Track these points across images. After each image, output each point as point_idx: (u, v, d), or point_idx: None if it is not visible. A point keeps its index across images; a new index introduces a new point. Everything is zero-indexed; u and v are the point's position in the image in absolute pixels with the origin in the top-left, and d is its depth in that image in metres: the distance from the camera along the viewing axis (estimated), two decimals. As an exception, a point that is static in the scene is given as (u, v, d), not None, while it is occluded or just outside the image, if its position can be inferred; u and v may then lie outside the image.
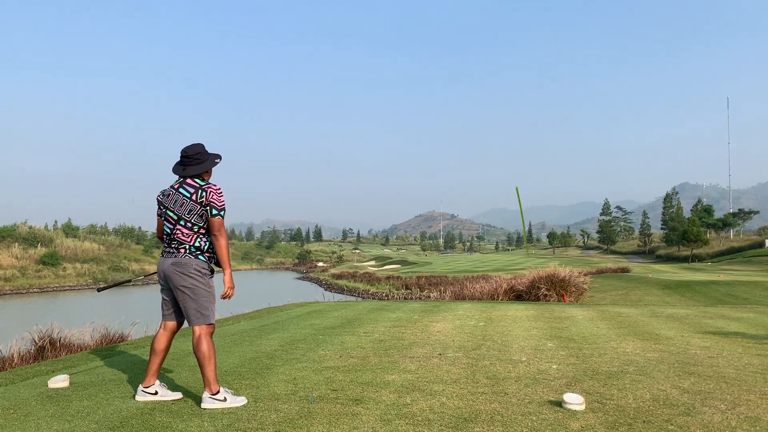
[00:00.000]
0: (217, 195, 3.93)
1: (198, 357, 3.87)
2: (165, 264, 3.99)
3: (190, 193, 3.93)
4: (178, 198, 3.97)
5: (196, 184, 3.96)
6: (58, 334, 8.42)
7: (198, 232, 3.96)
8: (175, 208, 3.98)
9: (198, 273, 3.91)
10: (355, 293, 50.63)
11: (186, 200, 3.94)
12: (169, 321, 4.10)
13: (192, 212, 3.93)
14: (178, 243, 3.98)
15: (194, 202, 3.91)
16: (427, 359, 5.49)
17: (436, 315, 9.53)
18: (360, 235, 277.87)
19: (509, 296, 19.43)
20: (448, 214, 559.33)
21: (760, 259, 62.44)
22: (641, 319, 8.93)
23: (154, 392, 4.03)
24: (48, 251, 76.66)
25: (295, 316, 9.71)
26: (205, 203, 3.90)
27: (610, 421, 3.49)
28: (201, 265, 3.94)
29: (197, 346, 3.87)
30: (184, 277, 3.89)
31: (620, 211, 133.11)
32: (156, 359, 4.06)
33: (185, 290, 3.90)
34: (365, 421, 3.50)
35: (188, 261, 3.92)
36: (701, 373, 4.82)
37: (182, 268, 3.90)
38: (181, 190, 3.97)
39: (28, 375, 5.22)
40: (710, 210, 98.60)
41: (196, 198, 3.91)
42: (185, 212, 3.94)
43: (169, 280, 3.96)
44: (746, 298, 19.73)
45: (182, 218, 3.96)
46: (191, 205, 3.92)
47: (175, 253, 3.97)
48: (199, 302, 3.91)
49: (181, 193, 3.96)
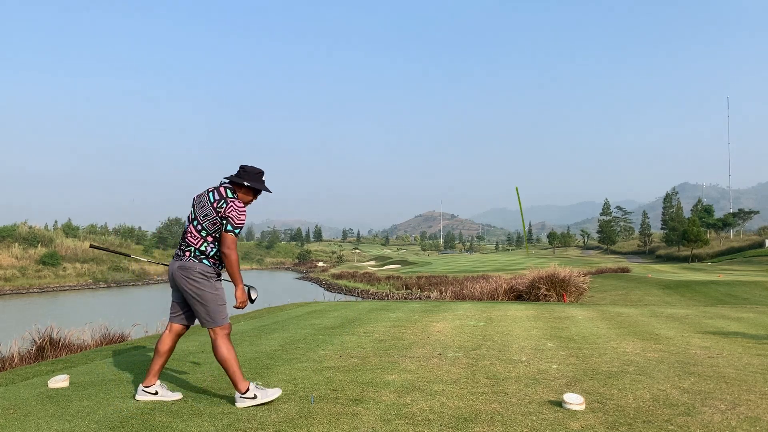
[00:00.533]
0: (237, 212, 3.87)
1: (218, 360, 3.89)
2: (173, 267, 3.99)
3: (215, 199, 3.92)
4: (203, 200, 3.98)
5: (224, 194, 3.94)
6: (58, 334, 8.42)
7: (205, 238, 3.94)
8: (196, 209, 3.99)
9: (203, 277, 3.89)
10: (355, 293, 50.62)
11: (207, 204, 3.94)
12: (175, 323, 4.10)
13: (207, 217, 3.91)
14: (186, 245, 3.98)
15: (213, 209, 3.89)
16: (427, 359, 5.49)
17: (436, 315, 9.53)
18: (360, 235, 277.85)
19: (509, 296, 19.43)
20: (448, 214, 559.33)
21: (760, 259, 62.44)
22: (641, 319, 8.93)
23: (154, 392, 4.03)
24: (48, 251, 76.65)
25: (295, 316, 9.71)
26: (222, 215, 3.87)
27: (610, 421, 3.49)
28: (205, 269, 3.91)
29: (214, 350, 3.89)
30: (189, 281, 3.88)
31: (620, 211, 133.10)
32: (159, 360, 4.06)
33: (192, 295, 3.89)
34: (365, 421, 3.50)
35: (192, 265, 3.90)
36: (701, 373, 4.82)
37: (187, 272, 3.89)
38: (209, 194, 3.98)
39: (28, 375, 5.22)
40: (710, 210, 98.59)
41: (217, 206, 3.89)
42: (201, 215, 3.94)
43: (177, 283, 3.97)
44: (746, 298, 19.73)
45: (196, 219, 3.97)
46: (209, 210, 3.91)
47: (182, 256, 3.97)
48: (208, 306, 3.89)
49: (208, 197, 3.97)
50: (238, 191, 4.01)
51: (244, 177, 4.01)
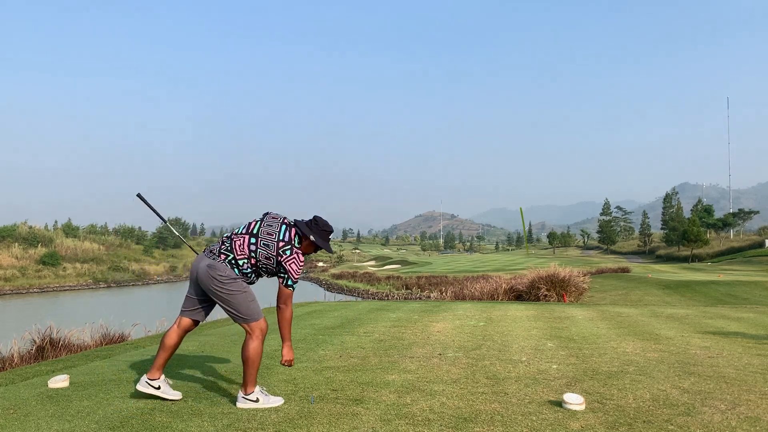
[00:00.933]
0: (297, 265, 3.83)
1: (242, 356, 3.84)
2: (201, 263, 3.89)
3: (283, 239, 3.85)
4: (274, 228, 3.90)
5: (293, 239, 3.88)
6: (58, 334, 8.43)
7: (250, 259, 3.86)
8: (262, 229, 3.90)
9: (230, 279, 3.82)
10: (355, 293, 50.62)
11: (275, 236, 3.86)
12: (185, 318, 4.03)
13: (267, 247, 3.84)
14: (227, 249, 3.89)
15: (277, 247, 3.83)
16: (427, 359, 5.49)
17: (436, 315, 9.53)
18: (360, 235, 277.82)
19: (509, 296, 19.43)
20: (448, 214, 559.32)
21: (760, 259, 62.46)
22: (641, 319, 8.94)
23: (157, 386, 3.97)
24: (48, 251, 76.67)
25: (294, 316, 9.71)
26: (281, 260, 3.82)
27: (610, 421, 3.49)
28: (233, 275, 3.85)
29: (244, 345, 3.85)
30: (216, 282, 3.80)
31: (620, 211, 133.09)
32: (164, 354, 4.00)
33: (222, 296, 3.83)
34: (365, 421, 3.50)
35: (223, 268, 3.82)
36: (701, 373, 4.82)
37: (214, 271, 3.80)
38: (282, 228, 3.91)
39: (28, 375, 5.22)
40: (710, 210, 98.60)
41: (281, 248, 3.83)
42: (263, 240, 3.85)
43: (200, 281, 3.88)
44: (746, 298, 19.74)
45: (256, 238, 3.87)
46: (272, 244, 3.84)
47: (216, 256, 3.88)
48: (240, 306, 3.83)
49: (279, 230, 3.89)
50: (303, 240, 3.95)
51: (314, 230, 3.96)
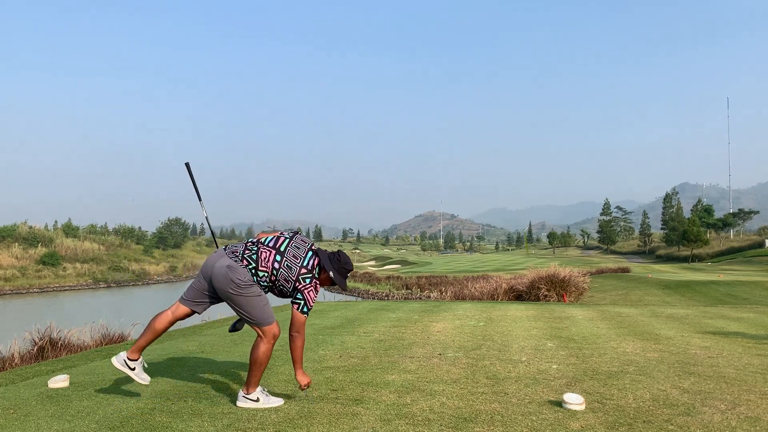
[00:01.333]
0: (314, 295, 3.86)
1: (250, 358, 3.84)
2: (221, 262, 3.83)
3: (306, 266, 3.86)
4: (300, 251, 3.91)
5: (314, 268, 3.90)
6: (58, 334, 8.43)
7: (270, 274, 3.84)
8: (289, 249, 3.90)
9: (245, 284, 3.80)
10: (355, 293, 50.63)
11: (300, 260, 3.87)
12: (183, 305, 4.00)
13: (290, 269, 3.83)
14: (250, 256, 3.86)
15: (299, 273, 3.83)
16: (427, 359, 5.49)
17: (436, 315, 9.53)
18: (360, 235, 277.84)
19: (509, 296, 19.44)
20: (448, 214, 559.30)
21: (760, 259, 62.47)
22: (641, 319, 8.93)
23: (132, 367, 3.94)
24: (48, 251, 76.63)
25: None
26: (298, 286, 3.82)
27: (610, 421, 3.48)
28: (252, 280, 3.83)
29: (253, 347, 3.85)
30: (232, 285, 3.76)
31: (620, 211, 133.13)
32: (150, 336, 3.96)
33: (237, 299, 3.80)
34: (365, 421, 3.50)
35: (244, 272, 3.79)
36: (701, 373, 4.82)
37: (234, 274, 3.76)
38: (308, 255, 3.92)
39: (28, 375, 5.22)
40: (710, 210, 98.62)
41: (303, 273, 3.83)
42: (288, 260, 3.85)
43: (214, 279, 3.83)
44: (746, 298, 19.74)
45: (282, 256, 3.86)
46: (295, 267, 3.84)
47: (239, 260, 3.84)
48: (255, 309, 3.82)
49: (305, 256, 3.90)
50: (322, 272, 3.96)
51: (334, 265, 3.96)
